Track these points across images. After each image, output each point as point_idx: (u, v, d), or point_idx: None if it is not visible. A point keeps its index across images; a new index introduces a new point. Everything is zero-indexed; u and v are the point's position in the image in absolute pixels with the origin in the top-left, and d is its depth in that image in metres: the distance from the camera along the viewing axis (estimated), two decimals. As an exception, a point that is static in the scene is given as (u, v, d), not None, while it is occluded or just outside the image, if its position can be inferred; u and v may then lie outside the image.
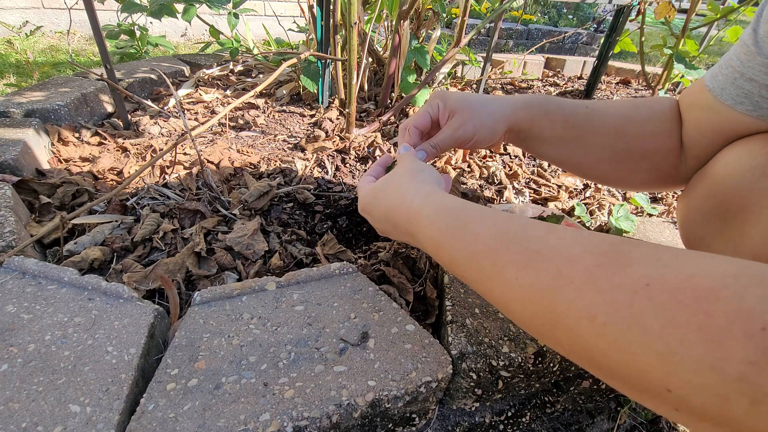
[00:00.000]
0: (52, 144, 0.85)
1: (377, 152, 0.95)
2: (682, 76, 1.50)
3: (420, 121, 0.53)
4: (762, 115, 0.41)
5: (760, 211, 0.41)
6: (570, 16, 4.35)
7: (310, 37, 1.34)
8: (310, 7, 1.17)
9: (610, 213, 0.75)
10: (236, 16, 1.27)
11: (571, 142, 0.55)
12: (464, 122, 0.50)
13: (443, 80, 1.45)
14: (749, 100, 0.42)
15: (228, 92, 1.24)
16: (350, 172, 0.87)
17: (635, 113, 0.53)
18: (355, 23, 0.85)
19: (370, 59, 1.26)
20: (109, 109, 1.06)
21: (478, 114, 0.51)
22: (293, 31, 1.63)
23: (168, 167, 0.78)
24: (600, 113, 0.54)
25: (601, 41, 1.48)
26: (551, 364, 0.45)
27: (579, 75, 1.99)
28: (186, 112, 1.10)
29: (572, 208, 0.79)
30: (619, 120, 0.53)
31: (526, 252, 0.29)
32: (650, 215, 0.81)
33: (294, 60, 0.93)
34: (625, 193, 0.90)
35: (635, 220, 0.70)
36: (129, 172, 0.77)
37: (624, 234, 0.68)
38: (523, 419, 0.51)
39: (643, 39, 1.45)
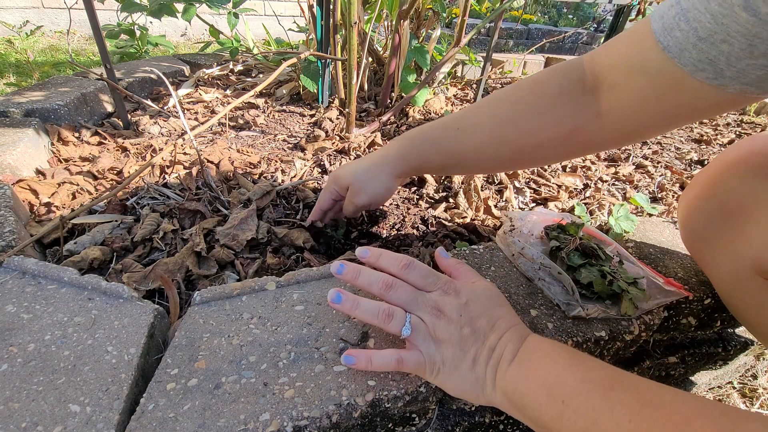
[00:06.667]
0: (52, 144, 0.85)
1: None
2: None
3: (324, 204, 0.64)
4: (722, 84, 0.34)
5: (761, 213, 0.41)
6: (570, 16, 4.35)
7: (310, 36, 1.34)
8: (310, 7, 1.17)
9: (610, 213, 0.75)
10: (236, 15, 1.27)
11: (457, 166, 0.58)
12: (357, 193, 0.59)
13: (443, 80, 1.45)
14: (712, 67, 0.34)
15: (228, 92, 1.24)
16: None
17: (513, 114, 0.49)
18: (355, 23, 0.85)
19: (370, 59, 1.26)
20: (109, 108, 1.06)
21: (367, 184, 0.58)
22: (293, 30, 1.63)
23: (168, 167, 0.78)
24: (471, 130, 0.52)
25: (601, 41, 1.47)
26: (551, 364, 0.45)
27: (579, 75, 1.99)
28: (186, 111, 1.10)
29: (572, 208, 0.79)
30: (494, 130, 0.50)
31: (640, 398, 0.29)
32: (650, 215, 0.81)
33: (294, 60, 0.93)
34: (625, 193, 0.90)
35: (635, 220, 0.70)
36: (129, 172, 0.77)
37: (624, 234, 0.68)
38: (523, 419, 0.51)
39: (643, 39, 1.45)
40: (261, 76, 1.40)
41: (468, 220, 0.72)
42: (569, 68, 0.47)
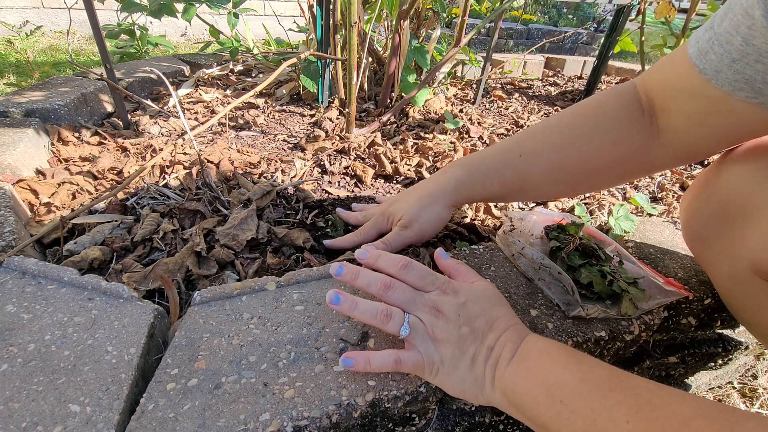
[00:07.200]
0: (52, 144, 0.85)
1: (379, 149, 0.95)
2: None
3: (368, 236, 0.59)
4: (762, 102, 0.36)
5: (760, 215, 0.40)
6: (570, 16, 4.35)
7: (310, 36, 1.34)
8: (310, 7, 1.17)
9: (610, 213, 0.75)
10: (236, 15, 1.27)
11: (516, 193, 0.56)
12: (409, 224, 0.55)
13: (443, 80, 1.45)
14: (750, 87, 0.35)
15: (228, 92, 1.24)
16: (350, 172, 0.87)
17: (574, 137, 0.49)
18: (355, 23, 0.85)
19: (370, 59, 1.26)
20: (109, 108, 1.06)
21: (420, 214, 0.55)
22: (293, 30, 1.63)
23: (168, 167, 0.78)
24: (534, 156, 0.51)
25: (601, 41, 1.48)
26: (551, 364, 0.45)
27: (579, 75, 1.99)
28: (186, 111, 1.10)
29: (572, 208, 0.79)
30: (556, 155, 0.50)
31: (639, 398, 0.29)
32: (650, 215, 0.81)
33: (294, 60, 0.93)
34: (625, 193, 0.90)
35: (635, 220, 0.70)
36: (129, 172, 0.77)
37: (624, 234, 0.68)
38: (523, 419, 0.51)
39: (643, 39, 1.45)
40: (261, 76, 1.40)
41: (468, 220, 0.72)
42: (624, 90, 0.48)
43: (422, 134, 1.08)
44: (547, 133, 0.52)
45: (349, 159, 0.91)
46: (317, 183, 0.81)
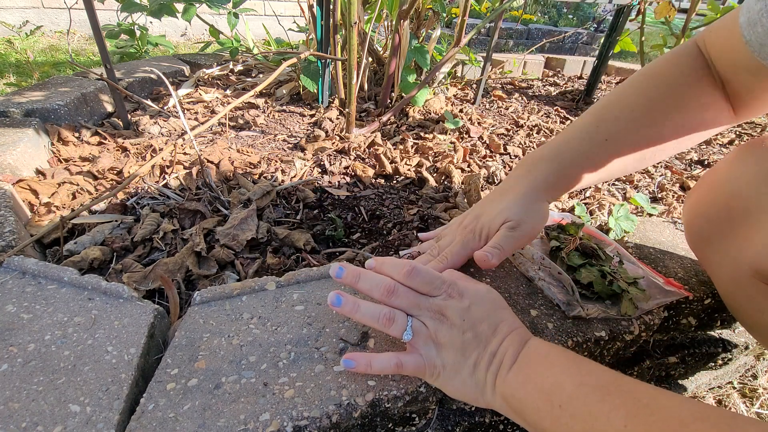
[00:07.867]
0: (52, 144, 0.85)
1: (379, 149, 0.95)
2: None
3: (458, 260, 0.50)
4: None
5: (764, 218, 0.40)
6: (570, 16, 4.35)
7: (310, 36, 1.34)
8: (310, 7, 1.17)
9: (610, 213, 0.75)
10: (236, 15, 1.27)
11: (605, 176, 0.54)
12: (518, 225, 0.49)
13: (443, 80, 1.45)
14: None
15: (228, 92, 1.24)
16: (349, 172, 0.87)
17: (652, 110, 0.48)
18: (355, 23, 0.85)
19: (370, 59, 1.26)
20: (109, 108, 1.06)
21: (527, 219, 0.49)
22: (293, 30, 1.63)
23: (168, 167, 0.78)
24: (620, 138, 0.49)
25: (601, 41, 1.48)
26: (551, 364, 0.45)
27: (579, 75, 1.99)
28: (186, 111, 1.10)
29: (572, 208, 0.79)
30: (646, 132, 0.49)
31: (637, 403, 0.29)
32: (650, 215, 0.81)
33: (294, 60, 0.93)
34: (625, 193, 0.90)
35: (635, 220, 0.70)
36: (129, 172, 0.77)
37: (624, 234, 0.68)
38: (523, 419, 0.51)
39: (643, 39, 1.45)
40: (261, 76, 1.40)
41: (468, 220, 0.72)
42: (693, 53, 0.47)
43: (422, 134, 1.08)
44: (627, 110, 0.49)
45: (349, 159, 0.91)
46: (317, 183, 0.81)
